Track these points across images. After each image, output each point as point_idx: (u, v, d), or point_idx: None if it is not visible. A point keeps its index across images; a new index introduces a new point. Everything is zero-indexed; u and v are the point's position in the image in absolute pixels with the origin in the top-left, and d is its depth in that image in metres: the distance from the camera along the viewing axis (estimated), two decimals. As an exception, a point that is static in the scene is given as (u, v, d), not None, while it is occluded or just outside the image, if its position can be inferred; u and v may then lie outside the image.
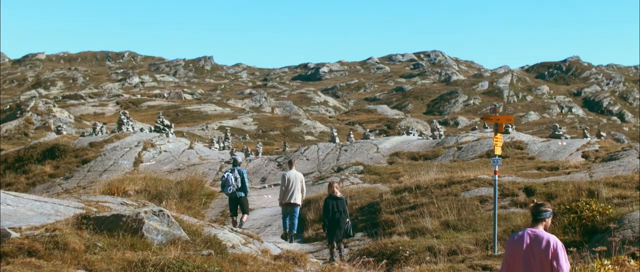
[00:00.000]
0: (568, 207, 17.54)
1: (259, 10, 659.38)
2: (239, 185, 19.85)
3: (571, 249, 12.94)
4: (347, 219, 18.00)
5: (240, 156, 48.31)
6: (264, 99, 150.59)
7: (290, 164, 21.33)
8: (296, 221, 20.75)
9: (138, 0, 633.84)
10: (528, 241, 8.21)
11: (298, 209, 20.80)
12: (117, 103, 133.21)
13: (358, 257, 15.69)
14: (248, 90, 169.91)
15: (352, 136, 57.26)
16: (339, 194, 18.07)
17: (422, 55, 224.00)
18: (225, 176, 19.79)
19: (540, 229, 8.25)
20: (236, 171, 19.82)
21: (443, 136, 54.66)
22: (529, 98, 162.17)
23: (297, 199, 20.50)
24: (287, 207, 20.49)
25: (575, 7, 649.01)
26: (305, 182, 23.15)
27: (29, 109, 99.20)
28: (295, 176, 20.62)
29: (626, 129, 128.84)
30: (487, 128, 51.66)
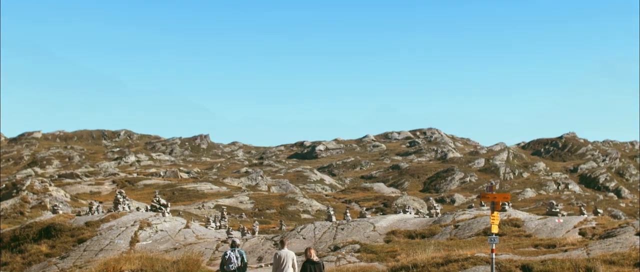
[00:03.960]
0: (566, 285, 17.53)
1: (255, 89, 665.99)
2: (240, 264, 21.41)
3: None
4: None
5: (237, 235, 48.07)
6: (260, 178, 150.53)
7: (282, 244, 21.74)
8: None
9: (134, 79, 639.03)
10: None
11: None
12: (113, 182, 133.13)
13: None
14: (244, 169, 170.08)
15: (348, 214, 57.17)
16: (316, 258, 18.91)
17: (418, 133, 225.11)
18: (228, 254, 21.11)
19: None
20: (237, 251, 21.09)
21: (440, 214, 54.59)
22: (526, 175, 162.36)
23: None
24: None
25: (570, 84, 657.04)
26: (301, 261, 23.31)
27: (25, 187, 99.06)
28: (287, 254, 21.08)
29: (623, 205, 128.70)
30: (483, 206, 51.69)
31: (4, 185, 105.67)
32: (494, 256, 17.64)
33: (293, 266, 21.26)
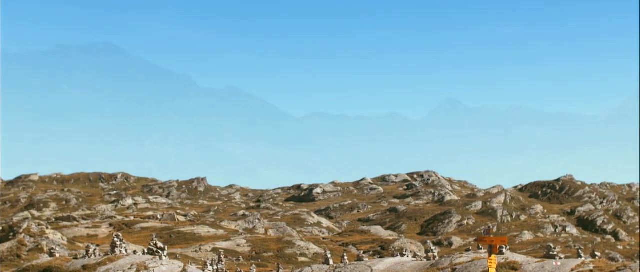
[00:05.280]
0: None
1: (251, 133, 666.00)
2: None
3: None
4: None
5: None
6: (257, 221, 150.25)
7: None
8: None
9: (131, 122, 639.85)
10: None
11: None
12: (111, 225, 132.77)
13: None
14: (241, 212, 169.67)
15: (345, 257, 57.07)
16: None
17: (415, 176, 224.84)
18: None
19: None
20: None
21: (437, 257, 54.53)
22: (523, 217, 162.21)
23: None
24: None
25: (567, 127, 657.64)
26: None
27: (21, 230, 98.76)
28: None
29: (621, 247, 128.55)
30: (481, 249, 51.70)
31: (0, 228, 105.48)
32: (491, 300, 17.73)
33: None
